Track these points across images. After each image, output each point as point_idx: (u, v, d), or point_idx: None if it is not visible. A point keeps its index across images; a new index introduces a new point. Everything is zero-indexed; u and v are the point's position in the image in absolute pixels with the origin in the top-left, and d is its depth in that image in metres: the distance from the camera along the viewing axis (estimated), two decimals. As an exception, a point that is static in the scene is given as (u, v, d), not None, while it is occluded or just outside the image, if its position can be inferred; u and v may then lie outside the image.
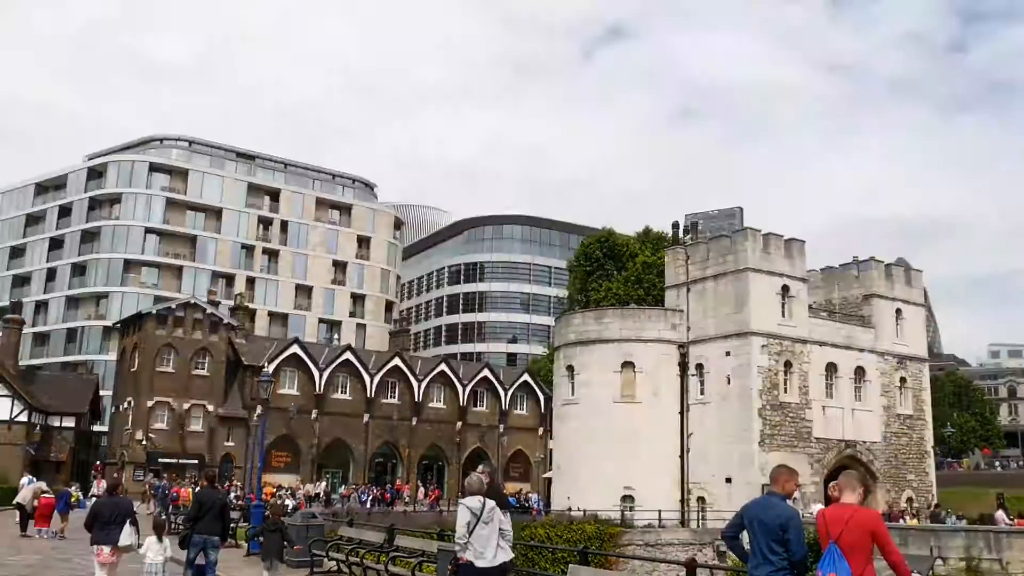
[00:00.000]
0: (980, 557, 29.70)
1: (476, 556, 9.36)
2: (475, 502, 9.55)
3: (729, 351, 42.28)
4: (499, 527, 9.65)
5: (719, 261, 43.92)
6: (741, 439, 41.05)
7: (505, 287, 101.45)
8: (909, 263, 56.66)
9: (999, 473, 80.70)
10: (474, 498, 9.62)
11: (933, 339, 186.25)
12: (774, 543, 6.88)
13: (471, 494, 9.74)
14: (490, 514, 9.53)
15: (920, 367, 49.31)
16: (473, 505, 9.51)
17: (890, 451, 46.22)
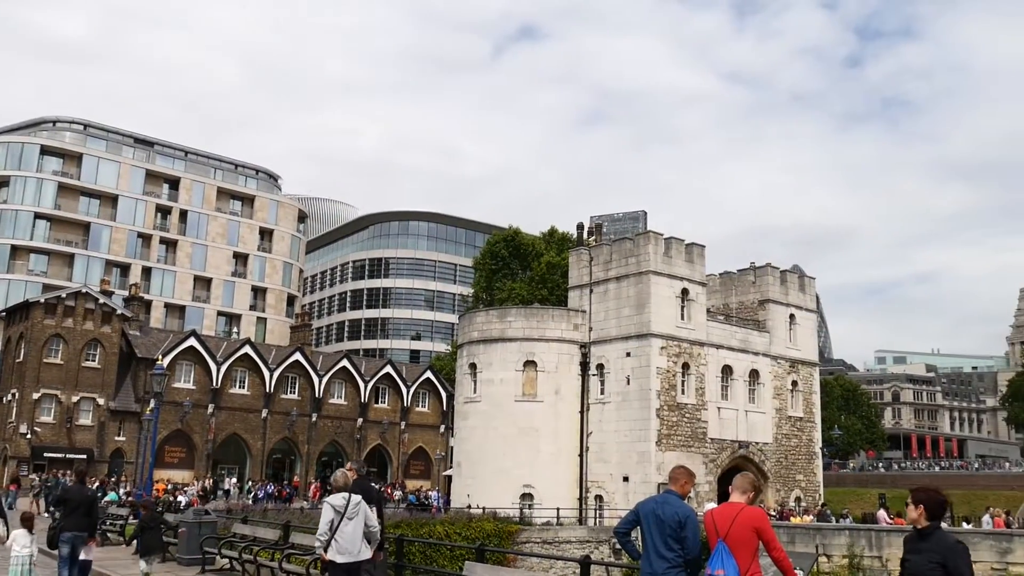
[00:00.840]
0: (862, 555, 30.93)
1: (339, 552, 9.51)
2: (339, 499, 9.69)
3: (629, 352, 42.99)
4: (365, 523, 9.78)
5: (622, 263, 44.61)
6: (639, 438, 41.80)
7: (410, 283, 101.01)
8: (804, 270, 58.65)
9: (882, 474, 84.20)
10: (339, 495, 9.77)
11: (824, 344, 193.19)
12: (670, 540, 7.02)
13: (337, 490, 9.90)
14: (355, 510, 9.67)
15: (811, 371, 51.05)
16: (337, 503, 9.64)
17: (781, 452, 47.71)
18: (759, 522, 6.72)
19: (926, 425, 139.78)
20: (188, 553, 17.75)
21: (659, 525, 7.07)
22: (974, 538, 29.97)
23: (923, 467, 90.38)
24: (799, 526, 35.44)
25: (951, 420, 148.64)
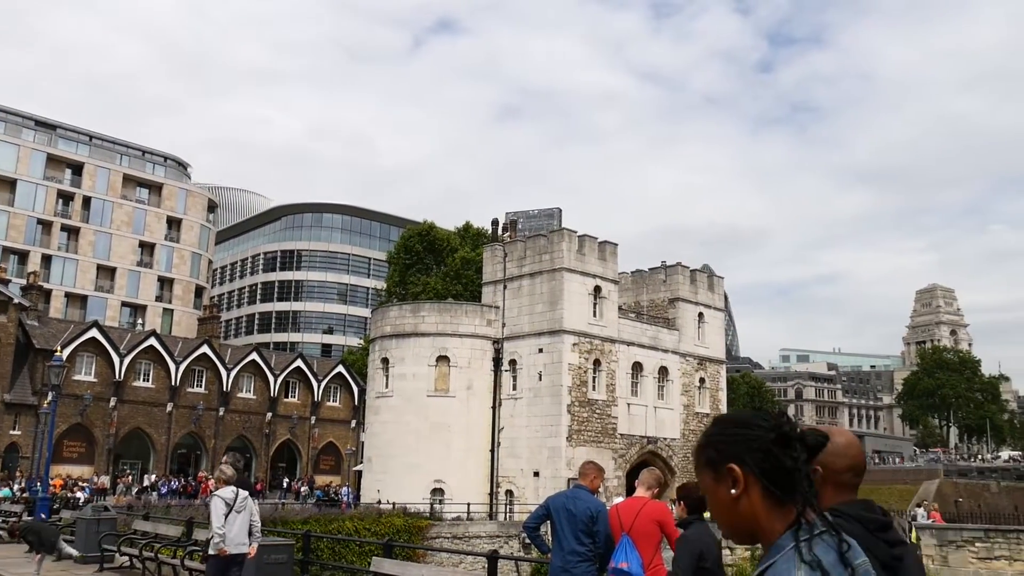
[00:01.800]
0: (763, 547, 31.75)
1: (230, 544, 9.62)
2: (229, 492, 9.77)
3: (542, 348, 43.27)
4: (250, 517, 9.94)
5: (536, 260, 44.85)
6: (550, 434, 42.13)
7: (322, 276, 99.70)
8: (714, 270, 59.87)
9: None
10: (228, 489, 9.83)
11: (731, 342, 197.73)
12: (582, 534, 7.09)
13: (224, 483, 9.89)
14: (242, 503, 9.79)
15: (718, 368, 52.21)
16: (227, 496, 9.72)
17: (688, 447, 48.63)
18: (662, 516, 6.85)
19: (827, 421, 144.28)
20: (86, 551, 17.20)
21: (570, 520, 7.14)
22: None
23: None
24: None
25: (850, 417, 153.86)
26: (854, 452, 2.91)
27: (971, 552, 28.16)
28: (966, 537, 28.67)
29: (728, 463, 2.15)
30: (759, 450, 2.13)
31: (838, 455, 2.81)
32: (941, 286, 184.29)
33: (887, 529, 2.66)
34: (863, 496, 2.94)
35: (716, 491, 2.20)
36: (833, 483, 2.77)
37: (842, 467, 2.81)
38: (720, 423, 2.27)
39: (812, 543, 2.01)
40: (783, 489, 2.10)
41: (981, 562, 27.90)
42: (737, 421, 2.26)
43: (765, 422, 2.22)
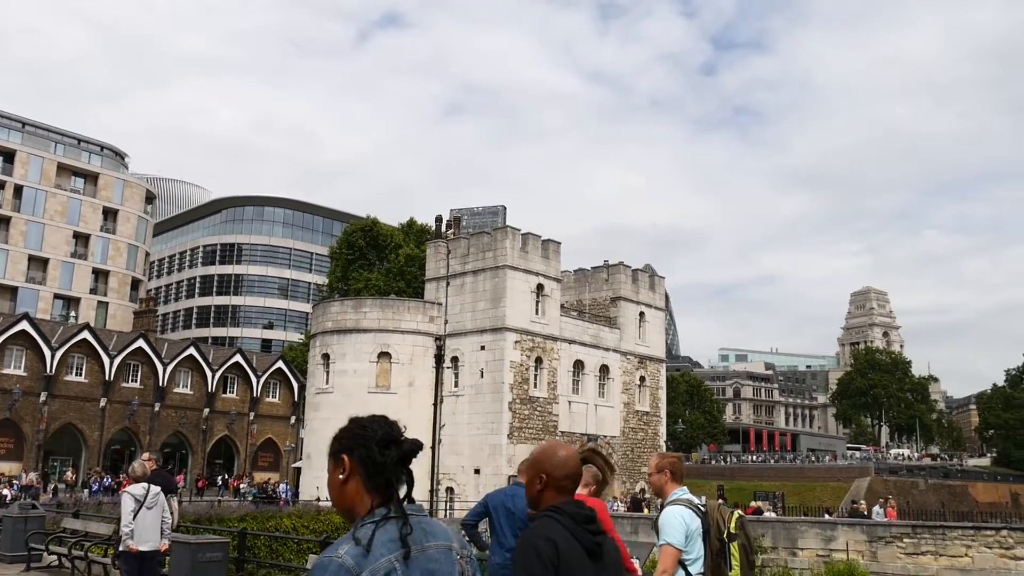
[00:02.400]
0: (699, 543, 32.20)
1: (139, 540, 9.65)
2: (139, 489, 9.84)
3: (484, 345, 43.30)
4: (161, 514, 10.02)
5: (479, 257, 44.86)
6: (491, 431, 42.20)
7: (263, 271, 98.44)
8: (655, 269, 60.40)
9: (721, 466, 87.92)
10: (139, 485, 9.90)
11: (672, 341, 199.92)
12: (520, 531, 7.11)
13: (135, 480, 9.94)
14: (154, 499, 9.86)
15: (658, 367, 52.78)
16: (137, 492, 9.78)
17: (627, 445, 49.13)
18: (598, 513, 6.89)
19: (763, 420, 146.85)
20: (11, 550, 16.77)
21: (509, 517, 7.14)
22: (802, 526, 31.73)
23: (759, 460, 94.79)
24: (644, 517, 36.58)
25: (786, 415, 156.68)
26: (571, 464, 3.65)
27: (899, 548, 28.86)
28: (894, 533, 29.37)
29: (343, 454, 2.76)
30: (364, 447, 2.74)
31: (557, 466, 3.62)
32: (875, 289, 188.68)
33: (592, 522, 3.49)
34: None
35: (332, 475, 2.79)
36: (554, 487, 3.58)
37: (561, 475, 3.60)
38: (349, 423, 2.87)
39: (375, 525, 2.64)
40: (373, 480, 2.72)
41: (908, 557, 28.62)
42: (358, 423, 2.85)
43: (377, 426, 2.83)
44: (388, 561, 2.59)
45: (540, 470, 3.64)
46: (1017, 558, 26.90)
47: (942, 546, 28.29)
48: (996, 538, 27.66)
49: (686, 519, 5.83)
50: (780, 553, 30.67)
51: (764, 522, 33.10)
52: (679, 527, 5.74)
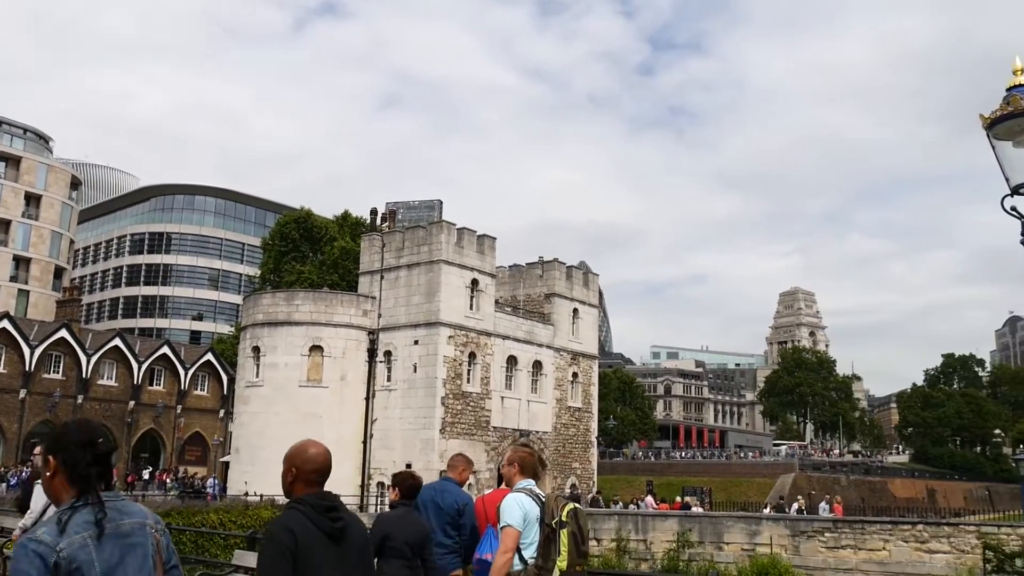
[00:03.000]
0: (629, 538, 32.68)
1: None
2: None
3: (417, 340, 43.19)
4: None
5: (414, 251, 44.72)
6: (424, 426, 42.12)
7: (193, 261, 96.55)
8: (590, 266, 60.90)
9: (651, 462, 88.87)
10: None
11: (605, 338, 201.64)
12: (448, 526, 7.13)
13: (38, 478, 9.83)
14: None
15: (591, 364, 53.23)
16: None
17: (559, 440, 49.47)
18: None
19: (693, 417, 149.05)
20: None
21: (438, 512, 7.17)
22: (728, 521, 32.35)
23: (688, 456, 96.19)
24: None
25: (715, 412, 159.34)
26: (321, 460, 4.38)
27: (820, 542, 29.63)
28: (816, 528, 30.14)
29: (49, 454, 3.34)
30: (65, 449, 3.31)
31: (307, 461, 4.37)
32: (803, 289, 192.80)
33: (334, 510, 4.21)
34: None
35: (44, 471, 3.39)
36: (304, 480, 4.30)
37: (310, 470, 4.32)
38: (57, 426, 3.47)
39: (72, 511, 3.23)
40: (73, 476, 3.29)
41: (829, 551, 29.40)
42: (63, 427, 3.41)
43: (77, 431, 3.38)
44: (82, 537, 3.17)
45: (291, 464, 4.39)
46: (931, 551, 27.82)
47: (861, 540, 29.12)
48: (912, 532, 28.57)
49: (525, 505, 6.30)
50: (707, 547, 31.24)
51: (691, 517, 33.68)
52: (518, 512, 6.25)
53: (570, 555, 6.21)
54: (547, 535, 6.23)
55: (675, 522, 32.79)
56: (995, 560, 25.64)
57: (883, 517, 32.83)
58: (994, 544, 26.16)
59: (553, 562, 6.17)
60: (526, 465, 6.66)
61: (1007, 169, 6.29)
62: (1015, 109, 6.15)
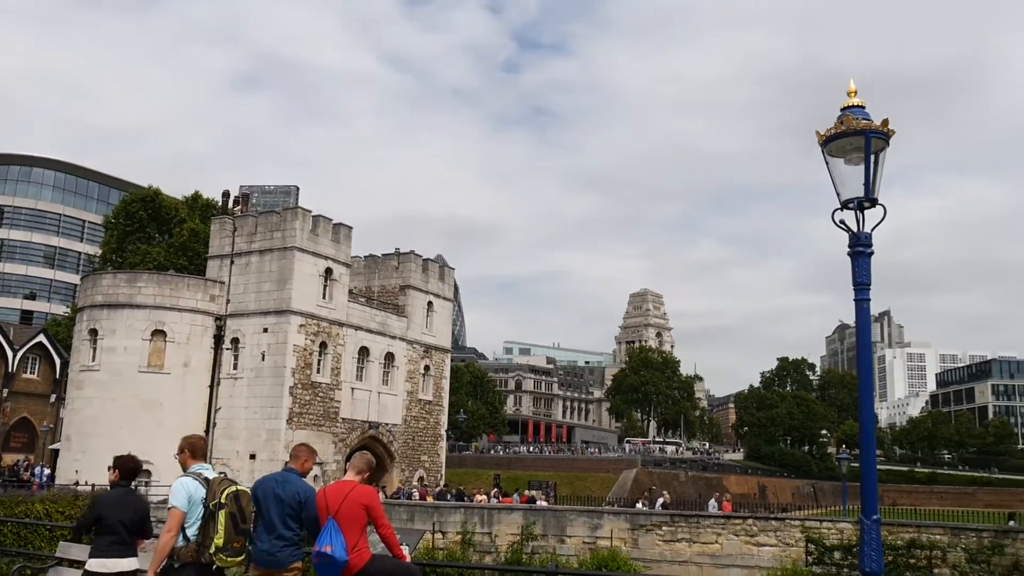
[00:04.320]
0: (474, 531, 32.89)
1: None
2: None
3: (267, 328, 42.18)
4: None
5: (267, 237, 43.62)
6: (270, 416, 41.19)
7: (27, 236, 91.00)
8: (446, 260, 60.92)
9: (500, 456, 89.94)
10: None
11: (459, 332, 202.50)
12: (289, 518, 7.02)
13: None
14: None
15: (444, 357, 53.31)
16: None
17: (409, 433, 49.34)
18: (369, 500, 6.94)
19: (542, 412, 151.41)
20: None
21: (279, 504, 7.05)
22: (571, 515, 33.04)
23: (536, 451, 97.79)
24: (419, 504, 36.88)
25: (564, 408, 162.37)
26: None
27: (658, 535, 30.67)
28: (654, 521, 31.16)
29: None
30: None
31: None
32: (651, 291, 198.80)
33: None
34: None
35: None
36: None
37: None
38: None
39: None
40: None
41: (666, 544, 30.47)
42: None
43: None
44: None
45: None
46: (760, 544, 29.25)
47: (696, 534, 30.31)
48: (743, 526, 29.95)
49: (190, 488, 7.00)
50: (550, 540, 31.81)
51: (536, 511, 34.22)
52: (183, 494, 6.94)
53: (227, 533, 6.88)
54: (207, 515, 6.90)
55: (520, 515, 33.23)
56: (816, 553, 27.25)
57: (717, 512, 34.26)
58: (816, 538, 27.78)
59: (211, 539, 6.84)
60: (197, 449, 7.44)
61: (838, 184, 6.69)
62: (847, 128, 6.55)
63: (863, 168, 6.54)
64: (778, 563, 27.39)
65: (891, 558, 24.43)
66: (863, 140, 6.48)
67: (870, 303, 6.71)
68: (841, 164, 6.71)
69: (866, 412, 7.11)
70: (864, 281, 6.62)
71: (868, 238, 6.59)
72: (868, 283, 6.63)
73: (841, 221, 6.66)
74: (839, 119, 6.66)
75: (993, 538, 26.05)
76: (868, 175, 6.52)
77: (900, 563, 24.92)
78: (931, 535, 26.73)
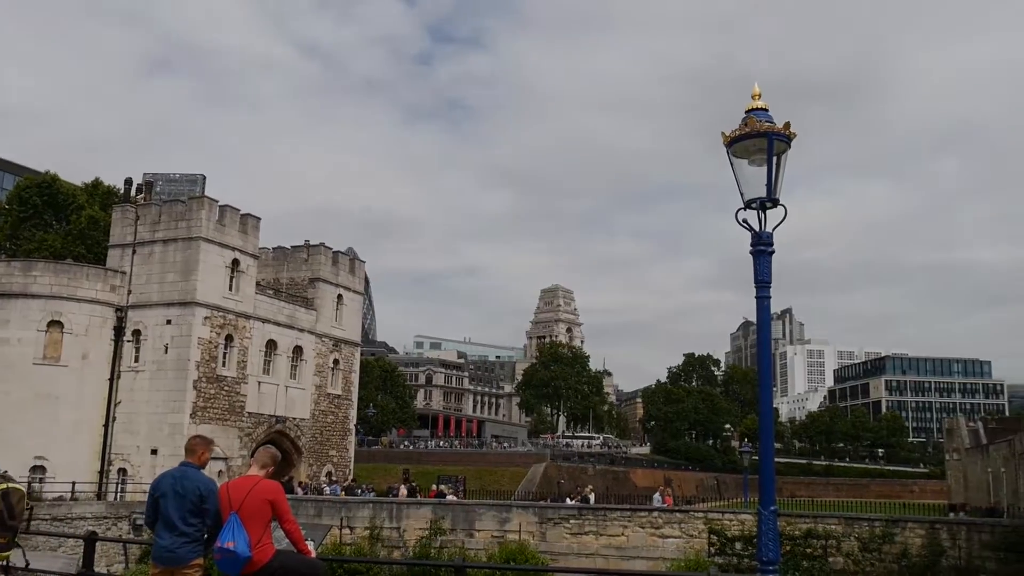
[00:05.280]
0: (382, 525, 32.79)
1: None
2: None
3: (171, 319, 41.13)
4: None
5: (172, 226, 42.50)
6: (173, 410, 40.20)
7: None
8: (357, 253, 60.38)
9: (409, 451, 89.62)
10: None
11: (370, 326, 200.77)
12: (190, 514, 6.87)
13: None
14: None
15: (353, 351, 52.82)
16: None
17: (317, 427, 48.75)
18: (273, 494, 6.84)
19: (453, 407, 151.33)
20: None
21: (179, 500, 6.90)
22: (480, 509, 33.21)
23: (446, 445, 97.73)
24: (327, 499, 36.55)
25: (474, 403, 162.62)
26: None
27: (566, 528, 31.08)
28: (562, 515, 31.59)
29: None
30: None
31: None
32: (563, 287, 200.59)
33: None
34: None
35: None
36: None
37: None
38: None
39: None
40: None
41: (573, 537, 30.90)
42: None
43: None
44: None
45: None
46: (664, 536, 29.90)
47: (603, 527, 30.82)
48: (648, 519, 30.59)
49: None
50: (459, 534, 31.93)
51: (445, 505, 34.29)
52: None
53: None
54: None
55: (429, 510, 33.27)
56: (719, 543, 27.98)
57: (623, 505, 34.86)
58: (718, 529, 28.55)
59: None
60: None
61: (742, 184, 6.87)
62: (751, 130, 6.72)
63: (766, 169, 6.72)
64: (682, 554, 28.05)
65: (789, 548, 25.26)
66: (766, 142, 6.66)
67: (771, 300, 6.92)
68: (745, 165, 6.88)
69: (765, 406, 7.32)
70: (765, 279, 6.81)
71: (769, 237, 6.78)
72: (769, 281, 6.82)
73: (744, 220, 6.84)
74: (743, 121, 6.83)
75: (884, 527, 27.19)
76: (770, 176, 6.71)
77: (797, 552, 25.78)
78: (827, 525, 27.76)
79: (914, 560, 25.95)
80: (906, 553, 26.30)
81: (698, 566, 24.44)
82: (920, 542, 26.63)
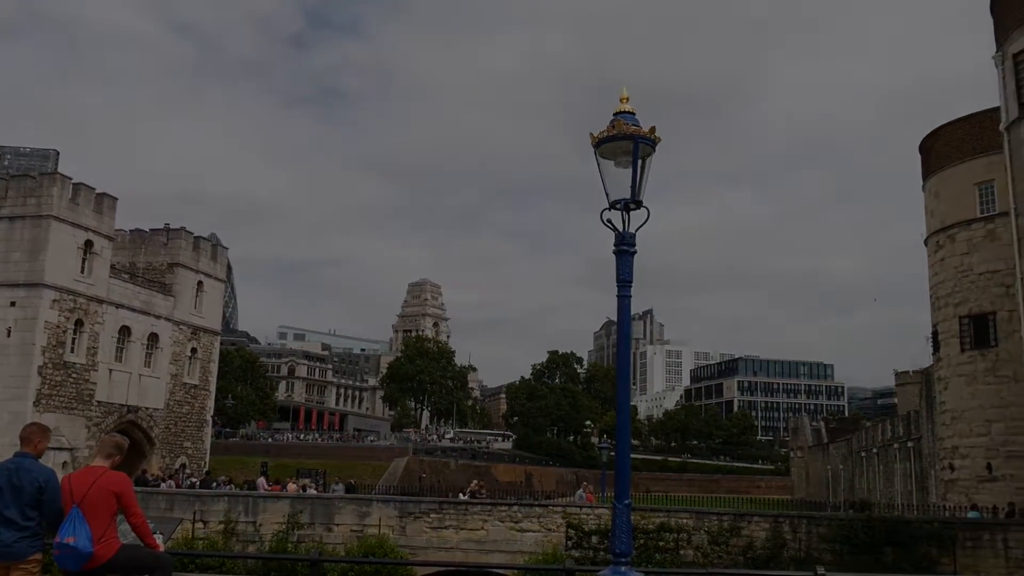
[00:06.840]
0: (238, 520, 31.94)
1: None
2: None
3: (15, 301, 38.97)
4: None
5: (19, 202, 40.23)
6: (14, 396, 38.13)
7: None
8: (220, 239, 58.69)
9: (268, 443, 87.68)
10: None
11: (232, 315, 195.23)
12: (28, 508, 6.54)
13: None
14: None
15: (213, 340, 51.30)
16: None
17: (171, 418, 47.12)
18: (119, 487, 6.56)
19: (316, 399, 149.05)
20: None
21: (16, 494, 6.55)
22: (339, 503, 32.82)
23: (307, 438, 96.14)
24: (180, 492, 35.35)
25: (338, 396, 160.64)
26: None
27: (426, 522, 31.05)
28: (423, 509, 31.54)
29: None
30: None
31: None
32: (430, 281, 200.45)
33: None
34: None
35: None
36: None
37: None
38: None
39: None
40: None
41: (433, 531, 30.91)
42: None
43: None
44: None
45: None
46: (524, 530, 30.30)
47: (463, 521, 30.95)
48: (508, 513, 30.92)
49: None
50: (317, 528, 31.44)
51: (303, 499, 33.71)
52: None
53: None
54: None
55: (286, 504, 32.61)
56: (576, 537, 28.58)
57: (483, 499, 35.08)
58: (576, 523, 29.13)
59: None
60: None
61: (608, 185, 7.03)
62: (618, 132, 6.89)
63: (631, 171, 6.90)
64: (540, 548, 28.49)
65: (643, 541, 26.04)
66: (632, 144, 6.84)
67: (631, 300, 7.11)
68: (611, 166, 7.04)
69: (623, 403, 7.53)
70: (626, 278, 7.00)
71: (632, 238, 6.97)
72: (630, 280, 7.01)
73: (609, 220, 7.00)
74: (611, 123, 6.98)
75: (732, 521, 28.37)
76: (635, 178, 6.89)
77: (651, 545, 26.61)
78: (679, 519, 28.74)
79: (759, 552, 27.15)
80: (751, 546, 27.49)
81: (555, 559, 24.89)
82: (764, 535, 27.88)
